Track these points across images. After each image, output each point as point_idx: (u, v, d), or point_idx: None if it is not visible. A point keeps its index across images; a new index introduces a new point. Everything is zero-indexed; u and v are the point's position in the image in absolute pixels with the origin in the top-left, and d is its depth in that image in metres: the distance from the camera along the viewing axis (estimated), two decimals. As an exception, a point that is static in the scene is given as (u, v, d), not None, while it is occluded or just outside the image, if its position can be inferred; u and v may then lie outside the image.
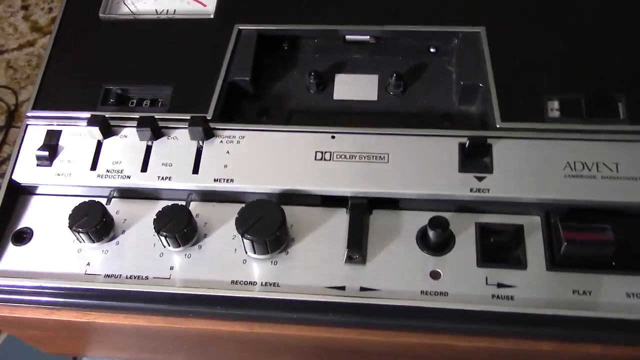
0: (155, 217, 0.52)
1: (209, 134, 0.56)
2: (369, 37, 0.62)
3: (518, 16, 0.60)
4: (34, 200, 0.57)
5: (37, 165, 0.57)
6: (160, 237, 0.51)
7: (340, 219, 0.53)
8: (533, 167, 0.52)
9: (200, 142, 0.56)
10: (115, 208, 0.55)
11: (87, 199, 0.54)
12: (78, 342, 0.63)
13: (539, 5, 0.60)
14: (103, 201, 0.55)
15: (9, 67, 0.81)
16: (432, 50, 0.62)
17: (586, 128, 0.54)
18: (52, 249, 0.54)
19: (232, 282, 0.51)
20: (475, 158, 0.53)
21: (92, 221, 0.52)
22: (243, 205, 0.51)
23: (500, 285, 0.50)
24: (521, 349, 0.50)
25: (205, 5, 0.64)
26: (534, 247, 0.51)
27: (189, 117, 0.56)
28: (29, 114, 0.59)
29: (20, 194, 0.57)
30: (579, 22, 0.59)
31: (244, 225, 0.50)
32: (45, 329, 0.58)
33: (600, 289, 0.49)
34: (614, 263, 0.49)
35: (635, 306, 0.48)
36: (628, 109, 0.54)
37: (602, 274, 0.49)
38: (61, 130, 0.58)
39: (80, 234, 0.52)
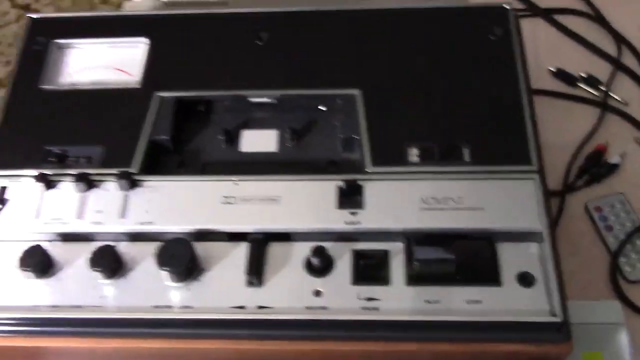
0: (90, 256, 0.63)
1: (134, 185, 0.68)
2: (269, 99, 0.75)
3: (387, 81, 0.74)
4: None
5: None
6: (94, 271, 0.63)
7: (243, 251, 0.65)
8: (396, 203, 0.66)
9: (127, 192, 0.68)
10: (56, 249, 0.66)
11: (32, 244, 0.65)
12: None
13: (402, 72, 0.74)
14: (47, 244, 0.66)
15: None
16: (322, 108, 0.76)
17: (438, 170, 0.67)
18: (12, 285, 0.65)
19: (154, 306, 0.63)
20: (349, 197, 0.66)
21: (35, 261, 0.63)
22: (161, 243, 0.63)
23: (369, 299, 0.62)
24: (388, 351, 0.62)
25: (132, 76, 0.77)
26: (397, 267, 0.64)
27: (117, 172, 0.68)
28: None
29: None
30: (435, 86, 0.73)
31: (162, 259, 0.62)
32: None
33: (447, 298, 0.62)
34: (458, 277, 0.63)
35: (473, 310, 0.61)
36: (471, 154, 0.68)
37: (448, 286, 0.62)
38: (6, 187, 0.69)
39: (27, 272, 0.64)
